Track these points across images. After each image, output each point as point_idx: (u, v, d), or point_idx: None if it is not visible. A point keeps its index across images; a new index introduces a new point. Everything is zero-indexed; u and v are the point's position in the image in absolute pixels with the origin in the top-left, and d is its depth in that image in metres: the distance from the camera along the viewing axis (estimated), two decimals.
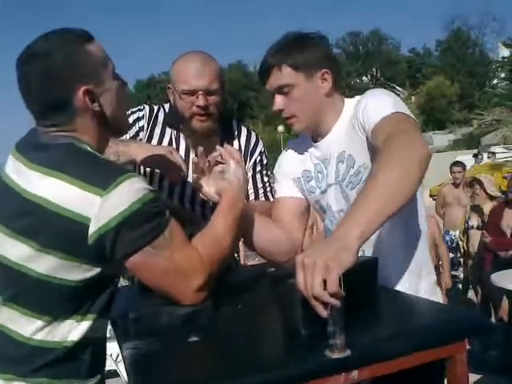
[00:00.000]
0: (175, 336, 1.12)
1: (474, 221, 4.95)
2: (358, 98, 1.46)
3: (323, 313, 0.94)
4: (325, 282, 0.95)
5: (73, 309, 1.13)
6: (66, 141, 1.14)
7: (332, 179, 1.49)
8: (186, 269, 1.17)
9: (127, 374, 1.07)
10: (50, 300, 1.12)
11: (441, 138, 30.57)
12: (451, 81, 38.65)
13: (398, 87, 45.27)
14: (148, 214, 1.11)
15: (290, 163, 1.65)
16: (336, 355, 0.91)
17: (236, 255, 2.10)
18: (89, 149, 1.15)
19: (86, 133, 1.17)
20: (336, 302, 0.93)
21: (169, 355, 1.02)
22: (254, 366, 0.93)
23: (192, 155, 1.84)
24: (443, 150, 24.11)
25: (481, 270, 4.50)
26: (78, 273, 1.10)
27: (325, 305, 0.94)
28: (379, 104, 1.33)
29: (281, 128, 26.01)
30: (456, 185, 5.99)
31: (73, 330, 1.13)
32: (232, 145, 1.85)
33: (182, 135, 1.85)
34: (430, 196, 4.60)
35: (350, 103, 1.49)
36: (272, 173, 1.80)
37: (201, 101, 1.69)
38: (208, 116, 1.73)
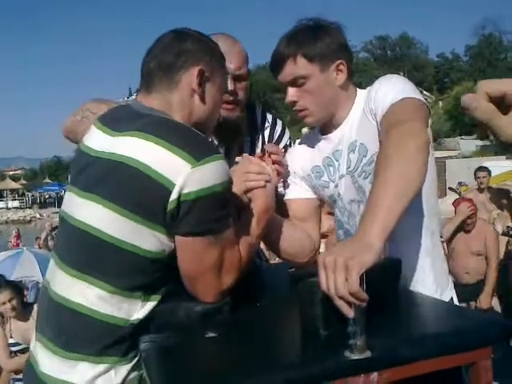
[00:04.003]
0: (192, 331, 1.11)
1: (499, 227, 4.84)
2: (369, 88, 1.42)
3: (348, 312, 0.91)
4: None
5: (142, 284, 1.12)
6: (160, 114, 1.16)
7: (343, 170, 1.46)
8: (227, 268, 1.16)
9: (143, 366, 1.06)
10: (121, 270, 1.10)
11: (468, 144, 30.00)
12: None
13: (425, 92, 44.74)
14: (224, 201, 1.11)
15: (297, 162, 1.60)
16: (355, 356, 0.88)
17: (262, 253, 2.04)
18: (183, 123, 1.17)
19: (178, 111, 1.19)
20: (358, 302, 0.90)
21: (185, 350, 1.01)
22: (271, 365, 0.91)
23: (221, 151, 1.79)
24: (470, 156, 23.67)
25: (505, 278, 4.41)
26: (152, 242, 1.09)
27: (348, 304, 0.92)
28: (389, 90, 1.31)
29: (305, 130, 25.92)
30: (481, 190, 5.88)
31: (140, 308, 1.12)
32: (258, 137, 1.78)
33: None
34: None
35: (362, 93, 1.46)
36: None
37: (230, 85, 1.48)
38: (236, 104, 1.60)
